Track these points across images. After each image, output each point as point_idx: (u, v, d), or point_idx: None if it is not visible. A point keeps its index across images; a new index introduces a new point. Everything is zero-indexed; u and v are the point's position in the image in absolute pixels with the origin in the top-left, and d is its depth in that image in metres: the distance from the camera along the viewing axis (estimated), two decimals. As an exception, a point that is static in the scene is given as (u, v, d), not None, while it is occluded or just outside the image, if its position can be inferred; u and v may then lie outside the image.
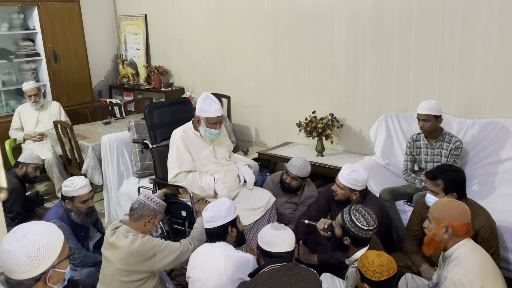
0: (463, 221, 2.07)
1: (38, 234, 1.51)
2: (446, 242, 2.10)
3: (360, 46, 4.03)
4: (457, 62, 3.54)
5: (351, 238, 2.20)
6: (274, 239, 2.03)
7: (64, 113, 5.02)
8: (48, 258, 1.51)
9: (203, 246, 2.38)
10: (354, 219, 2.19)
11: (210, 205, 2.40)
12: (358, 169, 2.78)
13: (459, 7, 3.43)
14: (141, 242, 2.33)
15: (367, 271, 1.93)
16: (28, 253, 1.47)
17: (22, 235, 1.50)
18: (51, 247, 1.52)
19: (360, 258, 2.00)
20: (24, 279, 1.48)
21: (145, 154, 3.91)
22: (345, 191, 2.80)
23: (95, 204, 4.53)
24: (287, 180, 3.37)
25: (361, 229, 2.17)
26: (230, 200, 2.44)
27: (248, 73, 4.99)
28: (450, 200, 2.25)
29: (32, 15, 5.39)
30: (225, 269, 2.20)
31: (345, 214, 2.24)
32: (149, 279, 2.39)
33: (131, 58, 6.27)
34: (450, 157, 3.20)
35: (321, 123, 4.06)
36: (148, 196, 2.52)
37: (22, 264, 1.46)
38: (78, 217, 2.88)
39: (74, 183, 2.86)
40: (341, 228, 2.24)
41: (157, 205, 2.51)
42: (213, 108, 3.01)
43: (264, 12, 4.65)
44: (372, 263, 1.93)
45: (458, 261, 2.03)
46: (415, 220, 2.78)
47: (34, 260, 1.47)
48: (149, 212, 2.46)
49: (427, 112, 3.16)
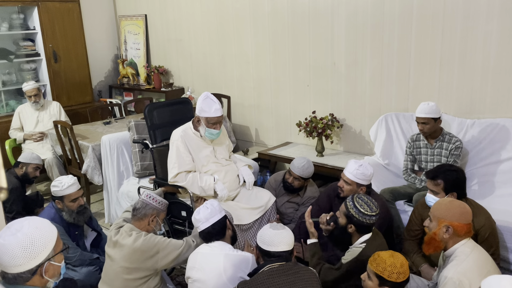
0: (464, 221, 2.07)
1: (32, 227, 1.55)
2: (446, 241, 2.10)
3: (360, 46, 4.03)
4: (457, 62, 3.54)
5: (355, 224, 2.28)
6: (273, 239, 2.04)
7: (64, 113, 5.03)
8: (43, 250, 1.54)
9: (201, 246, 2.39)
10: (357, 205, 2.28)
11: (200, 207, 2.42)
12: (364, 164, 2.82)
13: (459, 7, 3.43)
14: (144, 240, 2.35)
15: (390, 275, 1.90)
16: (23, 245, 1.50)
17: (16, 229, 1.53)
18: (45, 239, 1.55)
19: (377, 263, 1.95)
20: (21, 272, 1.51)
21: (145, 154, 3.91)
22: (353, 186, 2.82)
23: (95, 204, 4.58)
24: (290, 180, 3.37)
25: (365, 214, 2.25)
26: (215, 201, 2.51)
27: (248, 73, 4.99)
28: (451, 199, 2.24)
29: (32, 15, 5.39)
30: (225, 268, 2.20)
31: (348, 202, 2.32)
32: (151, 277, 2.40)
33: (131, 58, 6.27)
34: (450, 157, 3.20)
35: (321, 123, 4.06)
36: (150, 195, 2.53)
37: (18, 256, 1.49)
38: (70, 216, 2.87)
39: (62, 182, 2.86)
40: (345, 216, 2.32)
41: (160, 204, 2.53)
42: (213, 108, 3.01)
43: (264, 12, 4.65)
44: (394, 265, 1.91)
45: (458, 260, 2.03)
46: (415, 220, 2.78)
47: (29, 252, 1.51)
48: (152, 211, 2.49)
49: (425, 116, 3.16)
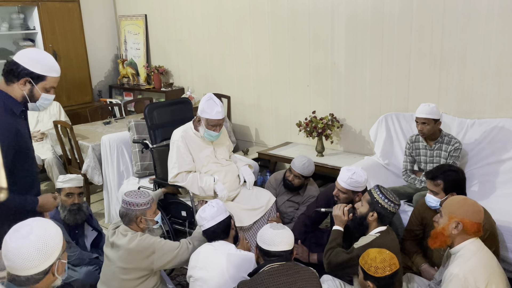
0: (475, 219, 2.05)
1: (42, 229, 1.58)
2: (454, 237, 2.08)
3: (360, 46, 4.03)
4: (457, 62, 3.54)
5: (378, 212, 2.36)
6: (273, 238, 2.04)
7: (64, 113, 5.03)
8: (55, 250, 1.58)
9: (203, 245, 2.39)
10: (384, 192, 2.39)
11: (205, 206, 2.42)
12: (357, 171, 2.74)
13: (459, 7, 3.43)
14: (140, 240, 2.33)
15: (369, 268, 1.95)
16: (38, 247, 1.53)
17: (27, 231, 1.55)
18: (56, 239, 1.60)
19: (362, 256, 2.02)
20: (34, 274, 1.54)
21: (145, 154, 3.91)
22: (348, 194, 2.78)
23: (95, 204, 4.58)
24: (290, 177, 3.37)
25: (390, 201, 2.35)
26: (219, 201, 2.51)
27: (248, 73, 4.99)
28: (465, 197, 2.23)
29: (32, 15, 5.39)
30: (227, 268, 2.21)
31: (374, 190, 2.42)
32: (149, 277, 2.40)
33: (131, 58, 6.28)
34: (449, 158, 3.19)
35: (321, 123, 4.06)
36: (126, 201, 2.42)
37: (33, 258, 1.52)
38: (63, 212, 2.89)
39: (66, 176, 2.94)
40: (368, 204, 2.40)
41: (140, 205, 2.42)
42: (214, 110, 3.01)
43: (264, 12, 4.65)
44: (374, 259, 1.95)
45: (463, 258, 2.02)
46: (415, 220, 2.78)
47: (44, 254, 1.54)
48: (135, 214, 2.41)
49: (426, 116, 3.15)
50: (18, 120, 2.07)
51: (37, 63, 2.04)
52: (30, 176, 2.16)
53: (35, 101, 2.09)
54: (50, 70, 2.08)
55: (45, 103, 2.13)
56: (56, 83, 2.12)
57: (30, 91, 2.06)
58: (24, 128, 2.13)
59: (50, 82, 2.09)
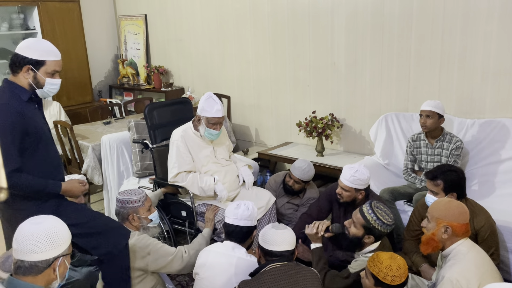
0: (462, 221, 2.08)
1: (54, 221, 1.64)
2: (444, 242, 2.10)
3: (360, 46, 4.03)
4: (457, 62, 3.54)
5: (376, 235, 2.28)
6: (275, 238, 2.04)
7: (64, 113, 5.02)
8: (64, 242, 1.62)
9: (214, 244, 2.38)
10: (380, 217, 2.27)
11: (241, 204, 2.40)
12: (359, 169, 2.79)
13: (459, 7, 3.43)
14: (137, 240, 2.34)
15: (385, 277, 1.91)
16: (49, 233, 1.58)
17: (39, 221, 1.61)
18: (66, 234, 1.64)
19: (374, 264, 1.98)
20: (38, 261, 1.56)
21: (145, 154, 3.91)
22: (351, 192, 2.80)
23: (95, 204, 4.58)
24: (290, 183, 3.37)
25: (387, 225, 2.27)
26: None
27: (248, 73, 4.99)
28: (449, 200, 2.25)
29: (32, 15, 5.39)
30: (235, 273, 2.21)
31: (368, 213, 2.29)
32: (146, 277, 2.39)
33: (131, 58, 6.27)
34: (451, 157, 3.20)
35: (321, 123, 4.06)
36: (118, 199, 2.44)
37: (42, 242, 1.55)
38: None
39: (71, 176, 2.91)
40: (363, 228, 2.29)
41: (131, 203, 2.43)
42: (214, 109, 3.01)
43: (264, 12, 4.65)
44: (390, 267, 1.92)
45: (455, 260, 2.04)
46: (415, 220, 2.79)
47: (53, 241, 1.58)
48: (127, 212, 2.43)
49: (431, 109, 3.16)
50: (25, 105, 2.11)
51: (35, 49, 2.10)
52: (51, 162, 2.20)
53: (41, 87, 2.15)
54: (47, 54, 2.12)
55: (52, 87, 2.18)
56: (58, 66, 2.16)
57: (34, 78, 2.11)
58: (34, 114, 2.16)
59: (50, 66, 2.13)
